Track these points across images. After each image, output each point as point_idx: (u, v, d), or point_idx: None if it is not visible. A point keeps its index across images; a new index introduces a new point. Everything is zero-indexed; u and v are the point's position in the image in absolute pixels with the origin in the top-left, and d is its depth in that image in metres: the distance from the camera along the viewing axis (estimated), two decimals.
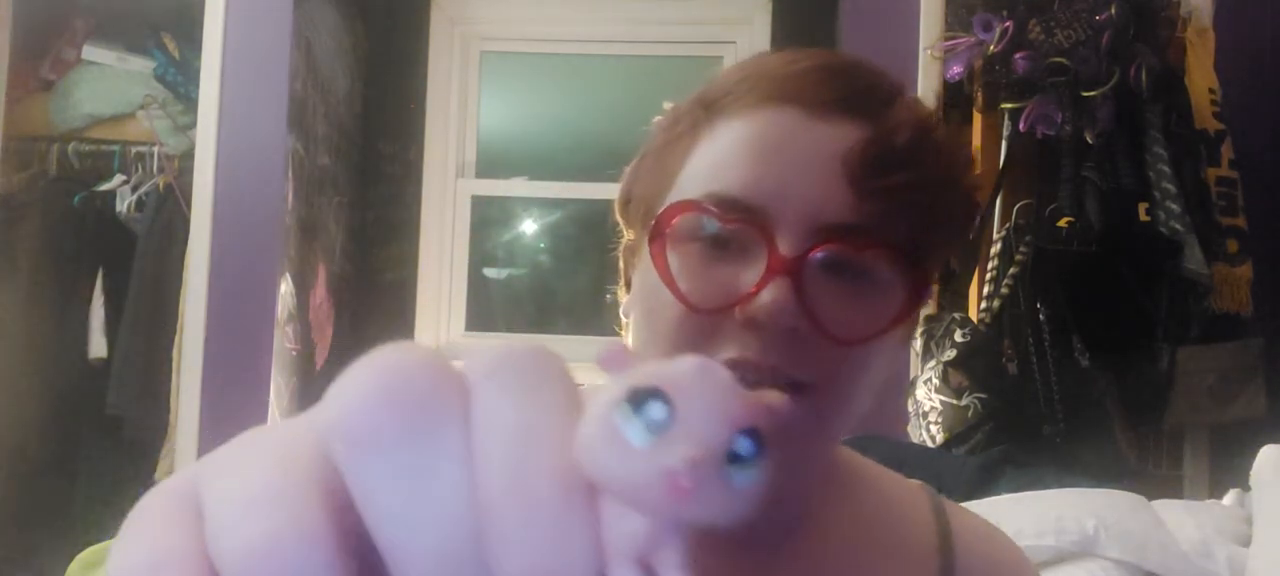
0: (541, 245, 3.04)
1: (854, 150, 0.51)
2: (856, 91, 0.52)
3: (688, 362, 0.21)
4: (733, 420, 0.21)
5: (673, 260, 0.52)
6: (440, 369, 0.20)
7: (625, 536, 0.20)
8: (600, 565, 0.20)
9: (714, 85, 0.56)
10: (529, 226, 3.03)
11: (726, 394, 0.21)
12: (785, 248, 0.50)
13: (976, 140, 2.05)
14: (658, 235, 0.52)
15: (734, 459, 0.20)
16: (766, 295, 0.49)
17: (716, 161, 0.53)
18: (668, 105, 0.59)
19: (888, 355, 0.54)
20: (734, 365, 0.49)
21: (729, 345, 0.50)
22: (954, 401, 1.83)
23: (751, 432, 0.21)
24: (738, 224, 0.51)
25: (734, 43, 2.68)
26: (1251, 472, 1.71)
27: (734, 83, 0.55)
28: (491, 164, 2.87)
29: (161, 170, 2.37)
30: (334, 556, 0.19)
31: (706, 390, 0.21)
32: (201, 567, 0.19)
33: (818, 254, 0.50)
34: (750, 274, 0.50)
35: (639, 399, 0.20)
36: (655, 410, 0.20)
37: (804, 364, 0.50)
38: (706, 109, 0.55)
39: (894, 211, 0.51)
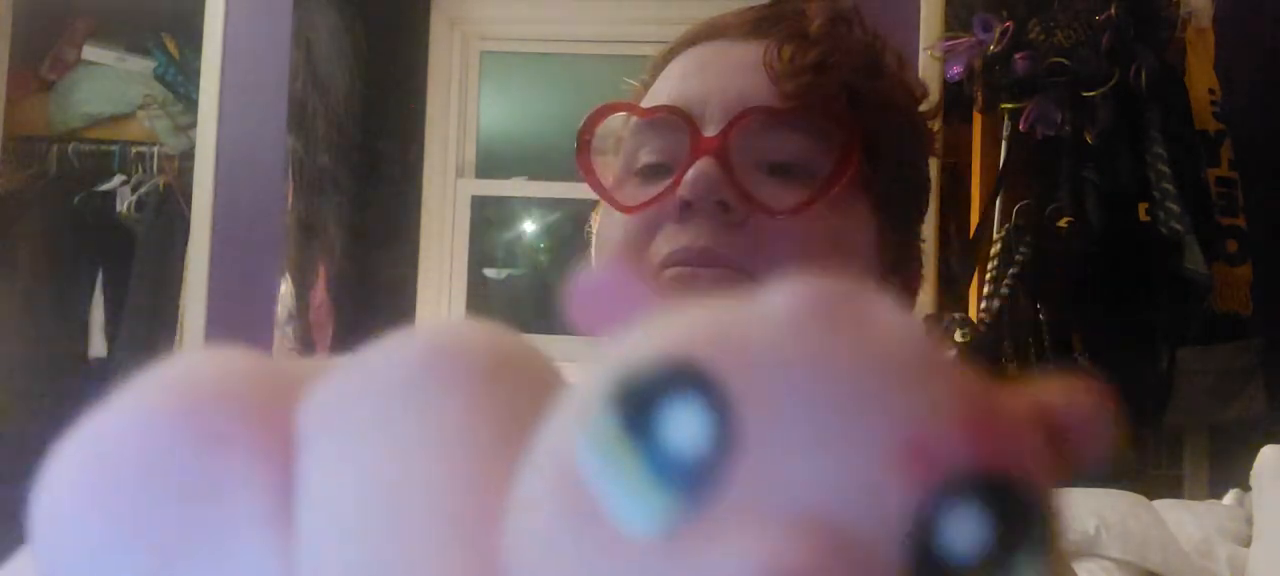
0: (541, 245, 3.04)
1: (770, 48, 0.53)
2: (781, 15, 0.55)
3: (775, 296, 0.09)
4: (940, 444, 0.08)
5: (615, 194, 0.54)
6: (221, 413, 0.12)
7: None
8: None
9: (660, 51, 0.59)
10: (529, 226, 3.03)
11: (906, 362, 0.09)
12: (710, 132, 0.51)
13: (976, 140, 2.05)
14: (582, 146, 0.55)
15: (942, 568, 0.08)
16: (691, 172, 0.50)
17: (650, 96, 0.56)
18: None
19: (842, 252, 0.52)
20: (669, 258, 0.49)
21: (664, 242, 0.51)
22: None
23: (995, 479, 0.08)
24: (661, 115, 0.53)
25: None
26: (1251, 472, 1.71)
27: (672, 42, 0.58)
28: (491, 164, 2.87)
29: (161, 170, 2.37)
30: None
31: (831, 358, 0.08)
32: None
33: (740, 127, 0.50)
34: None
35: (643, 396, 0.08)
36: (685, 421, 0.08)
37: (741, 246, 0.49)
38: (653, 70, 0.58)
39: (814, 90, 0.51)
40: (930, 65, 2.06)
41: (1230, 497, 1.80)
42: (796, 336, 0.08)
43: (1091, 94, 1.92)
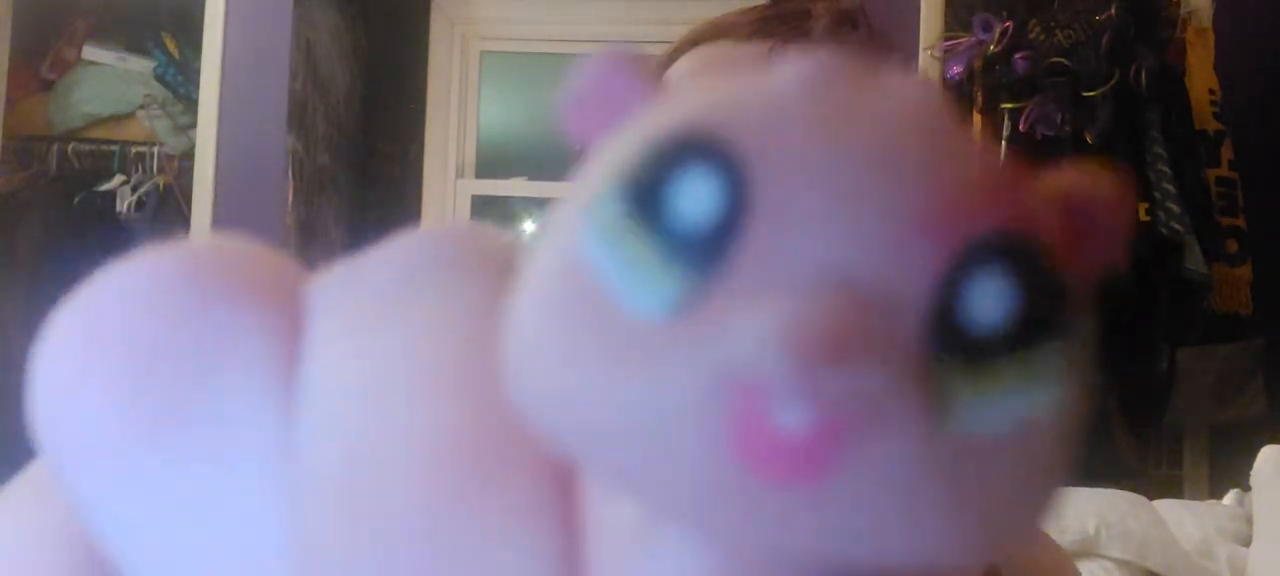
0: None
1: (774, 48, 0.51)
2: (785, 16, 0.55)
3: (789, 64, 0.08)
4: (963, 206, 0.07)
5: None
6: (223, 282, 0.11)
7: None
8: None
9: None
10: (529, 226, 3.03)
11: (929, 125, 0.08)
12: None
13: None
14: (578, 158, 0.54)
15: (961, 345, 0.07)
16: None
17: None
18: None
19: None
20: None
21: None
22: None
23: (1019, 245, 0.07)
24: None
25: None
26: (1251, 472, 1.71)
27: (676, 43, 0.57)
28: (491, 164, 2.87)
29: (161, 170, 2.37)
30: None
31: (851, 117, 0.08)
32: None
33: None
34: None
35: (652, 169, 0.07)
36: (693, 188, 0.07)
37: None
38: (656, 71, 0.57)
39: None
40: (930, 65, 2.06)
41: (1230, 497, 1.80)
42: (813, 97, 0.07)
43: (1091, 94, 1.92)
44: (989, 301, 0.07)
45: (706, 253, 0.07)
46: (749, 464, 0.06)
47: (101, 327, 0.09)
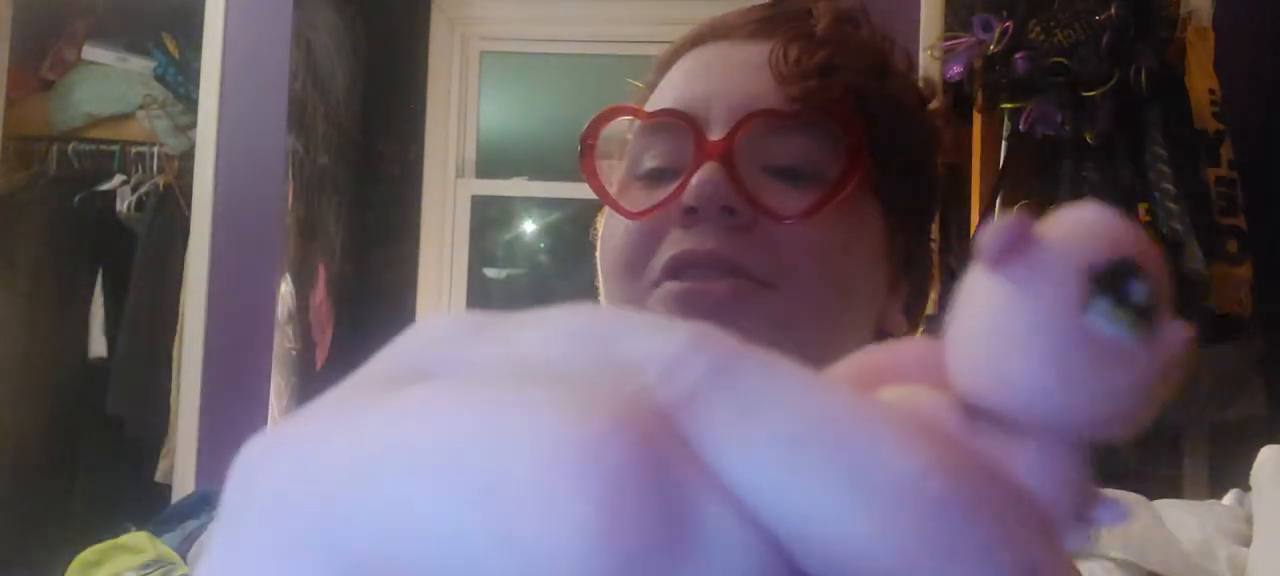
0: (541, 245, 3.04)
1: (776, 48, 0.51)
2: (786, 16, 0.54)
3: (1093, 213, 0.15)
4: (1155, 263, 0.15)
5: (619, 199, 0.53)
6: (650, 441, 0.12)
7: (1059, 481, 0.14)
8: (1058, 538, 0.14)
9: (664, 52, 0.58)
10: (529, 226, 3.03)
11: (1156, 249, 0.15)
12: (714, 136, 0.50)
13: (976, 140, 2.05)
14: (586, 150, 0.54)
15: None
16: (696, 178, 0.49)
17: (651, 104, 0.54)
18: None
19: (855, 256, 0.51)
20: (674, 260, 0.49)
21: (669, 244, 0.50)
22: None
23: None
24: (665, 118, 0.51)
25: None
26: (1252, 472, 1.71)
27: (675, 43, 0.57)
28: (491, 164, 2.87)
29: (161, 170, 2.37)
30: None
31: (1153, 249, 0.15)
32: None
33: (746, 130, 0.49)
34: None
35: (1118, 282, 0.14)
36: (1138, 290, 0.14)
37: (747, 251, 0.48)
38: (656, 71, 0.57)
39: (820, 92, 0.50)
40: (930, 65, 2.06)
41: (1230, 497, 1.80)
42: (1137, 233, 0.15)
43: (1091, 94, 1.92)
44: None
45: (1149, 310, 0.14)
46: (1173, 386, 0.14)
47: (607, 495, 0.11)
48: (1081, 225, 0.15)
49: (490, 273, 2.94)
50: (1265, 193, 2.07)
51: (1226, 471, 1.95)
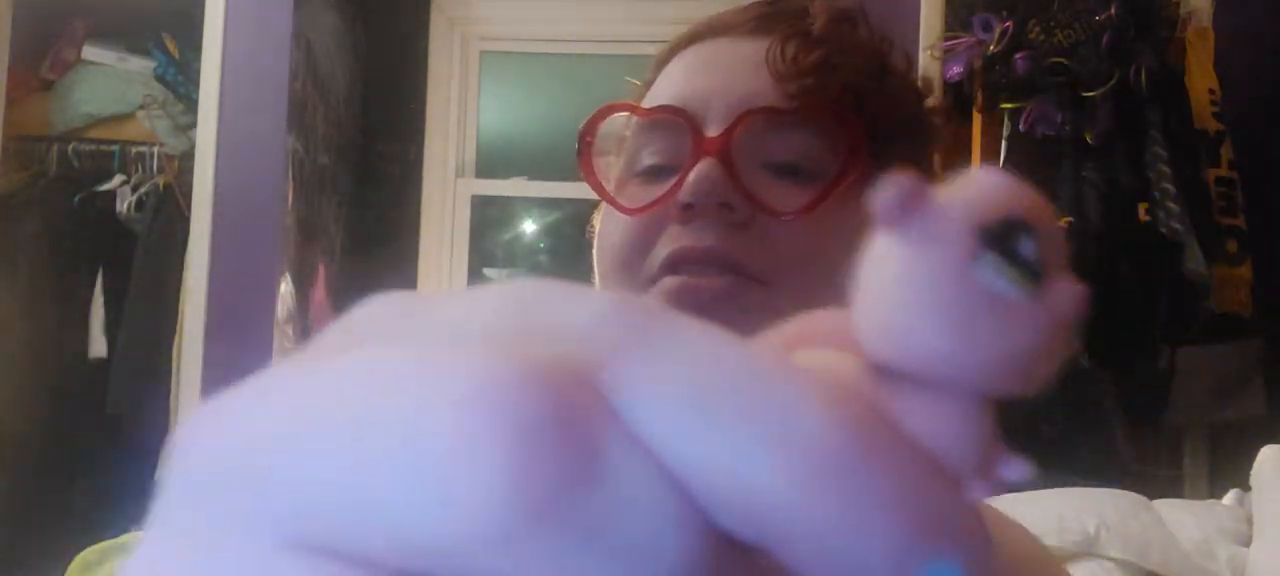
0: (541, 245, 3.04)
1: (774, 46, 0.52)
2: (784, 13, 0.54)
3: (987, 176, 0.15)
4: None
5: (617, 196, 0.53)
6: (555, 378, 0.13)
7: (961, 438, 0.14)
8: (974, 506, 0.14)
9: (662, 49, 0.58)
10: (529, 226, 3.03)
11: (1054, 213, 0.16)
12: (712, 133, 0.50)
13: (976, 140, 2.05)
14: (584, 147, 0.54)
15: None
16: (693, 174, 0.49)
17: (648, 101, 0.54)
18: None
19: (852, 253, 0.51)
20: (671, 257, 0.49)
21: (667, 241, 0.50)
22: None
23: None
24: (663, 116, 0.52)
25: None
26: (1251, 472, 1.71)
27: (673, 40, 0.57)
28: (491, 164, 2.87)
29: (161, 170, 2.37)
30: None
31: (1047, 212, 0.15)
32: None
33: (743, 127, 0.49)
34: None
35: (1008, 239, 0.14)
36: (1028, 247, 0.14)
37: (744, 248, 0.49)
38: (654, 68, 0.57)
39: (818, 90, 0.51)
40: (930, 65, 2.06)
41: (1230, 497, 1.80)
42: (1031, 196, 0.15)
43: (1091, 94, 1.92)
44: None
45: (1037, 267, 0.14)
46: (1064, 346, 0.14)
47: (516, 427, 0.12)
48: (975, 186, 0.15)
49: (490, 272, 2.94)
50: (1265, 193, 2.07)
51: (1226, 471, 1.95)
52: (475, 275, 2.85)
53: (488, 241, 2.93)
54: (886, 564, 0.12)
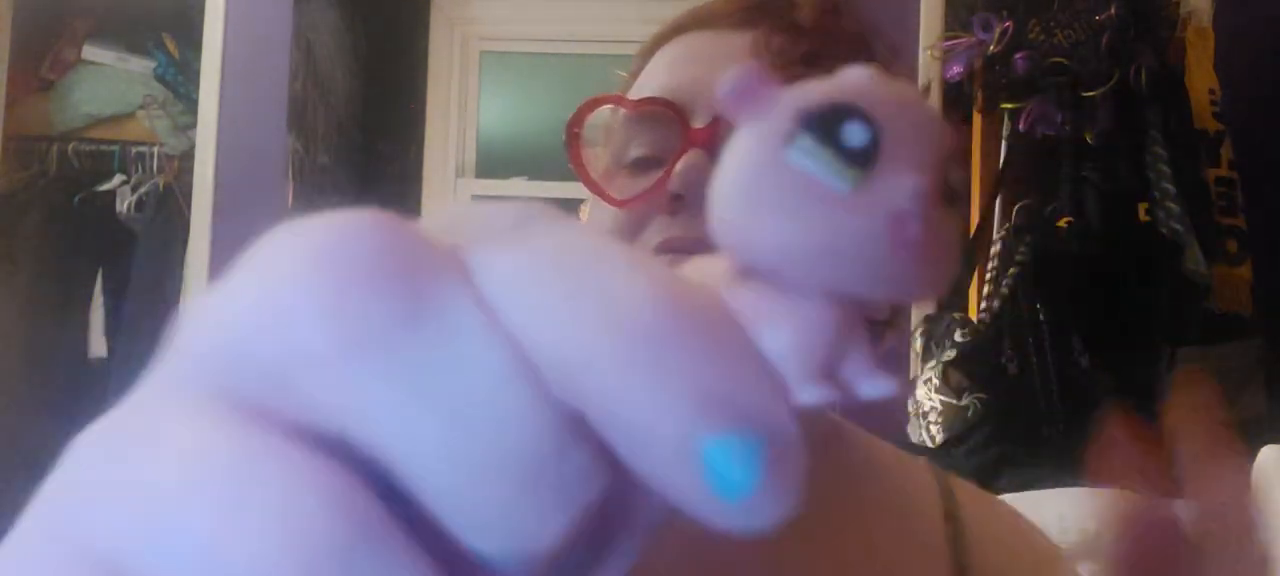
0: None
1: (760, 37, 0.52)
2: (771, 5, 0.54)
3: (857, 70, 0.15)
4: (945, 137, 0.14)
5: (605, 187, 0.53)
6: (400, 225, 0.14)
7: (803, 344, 0.14)
8: (787, 393, 0.13)
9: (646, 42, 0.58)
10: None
11: (925, 104, 0.15)
12: (698, 124, 0.50)
13: (976, 140, 2.05)
14: (572, 139, 0.54)
15: (946, 197, 0.14)
16: (680, 165, 0.49)
17: (634, 92, 0.55)
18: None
19: None
20: (660, 247, 0.49)
21: (655, 232, 0.50)
22: (954, 401, 1.83)
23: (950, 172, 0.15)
24: (651, 107, 0.52)
25: None
26: (1251, 473, 1.71)
27: (659, 30, 0.58)
28: (491, 164, 2.87)
29: (161, 170, 2.37)
30: (397, 535, 0.13)
31: (908, 100, 0.14)
32: None
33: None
34: None
35: (828, 123, 0.14)
36: (855, 133, 0.14)
37: None
38: (640, 59, 0.58)
39: (805, 81, 0.50)
40: (930, 65, 2.06)
41: None
42: (893, 89, 0.14)
43: (1091, 94, 1.92)
44: (952, 179, 0.15)
45: (864, 159, 0.13)
46: (899, 248, 0.13)
47: (333, 248, 0.14)
48: (829, 79, 0.15)
49: None
50: (1265, 193, 2.07)
51: None
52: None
53: None
54: (672, 438, 0.13)
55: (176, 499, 0.13)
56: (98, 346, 2.34)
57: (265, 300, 0.14)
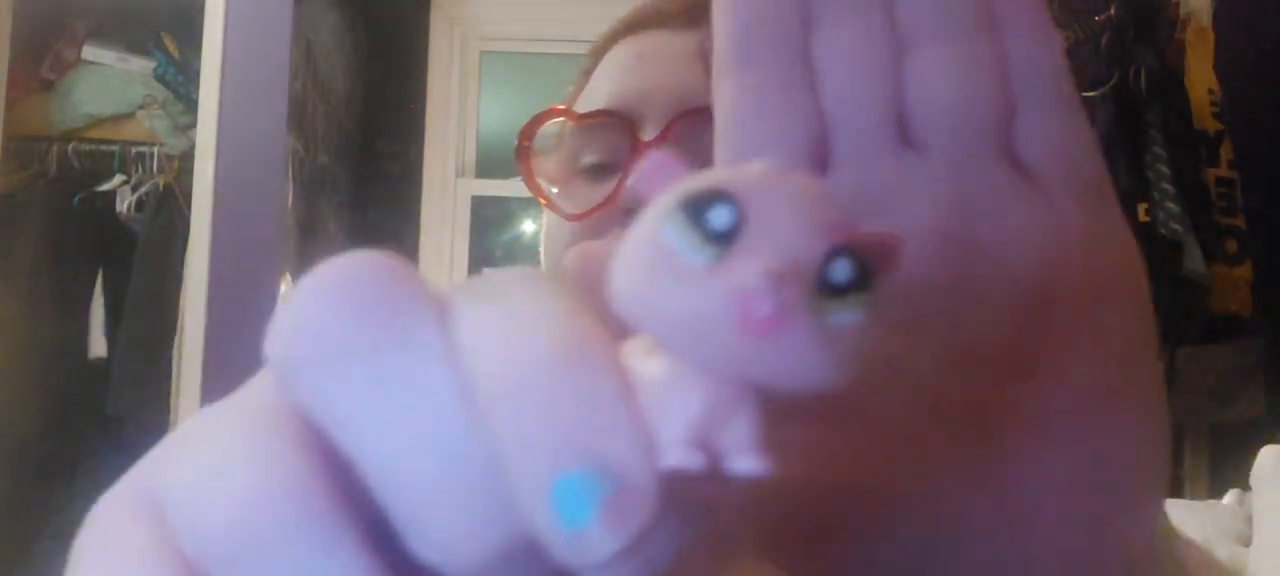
0: (541, 245, 3.04)
1: (709, 39, 0.51)
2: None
3: (758, 163, 0.16)
4: (828, 229, 0.15)
5: (559, 201, 0.53)
6: (400, 268, 0.16)
7: (678, 409, 0.14)
8: (645, 446, 0.14)
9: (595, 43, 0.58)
10: (529, 226, 3.03)
11: (816, 198, 0.15)
12: (649, 136, 0.50)
13: None
14: (522, 151, 0.53)
15: (829, 287, 0.14)
16: (631, 180, 0.48)
17: (586, 96, 0.54)
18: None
19: None
20: None
21: (611, 243, 0.49)
22: None
23: (853, 254, 0.15)
24: (599, 119, 0.51)
25: None
26: (1251, 472, 1.71)
27: (609, 29, 0.57)
28: (491, 164, 2.87)
29: (161, 170, 2.37)
30: (328, 506, 0.15)
31: (789, 192, 0.15)
32: (177, 566, 0.16)
33: (679, 129, 0.49)
34: None
35: (697, 204, 0.15)
36: (719, 215, 0.15)
37: None
38: (592, 58, 0.57)
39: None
40: None
41: (1230, 497, 1.80)
42: (772, 177, 0.15)
43: (1091, 94, 1.92)
44: (845, 270, 0.15)
45: (724, 237, 0.15)
46: (743, 327, 0.14)
47: (342, 279, 0.16)
48: (730, 167, 0.16)
49: (490, 273, 2.95)
50: (1265, 193, 2.07)
51: (1226, 471, 1.95)
52: (475, 275, 2.85)
53: (488, 241, 2.93)
54: (530, 471, 0.15)
55: (191, 460, 0.16)
56: (98, 346, 2.34)
57: (286, 311, 0.16)
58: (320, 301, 0.16)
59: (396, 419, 0.15)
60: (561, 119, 0.55)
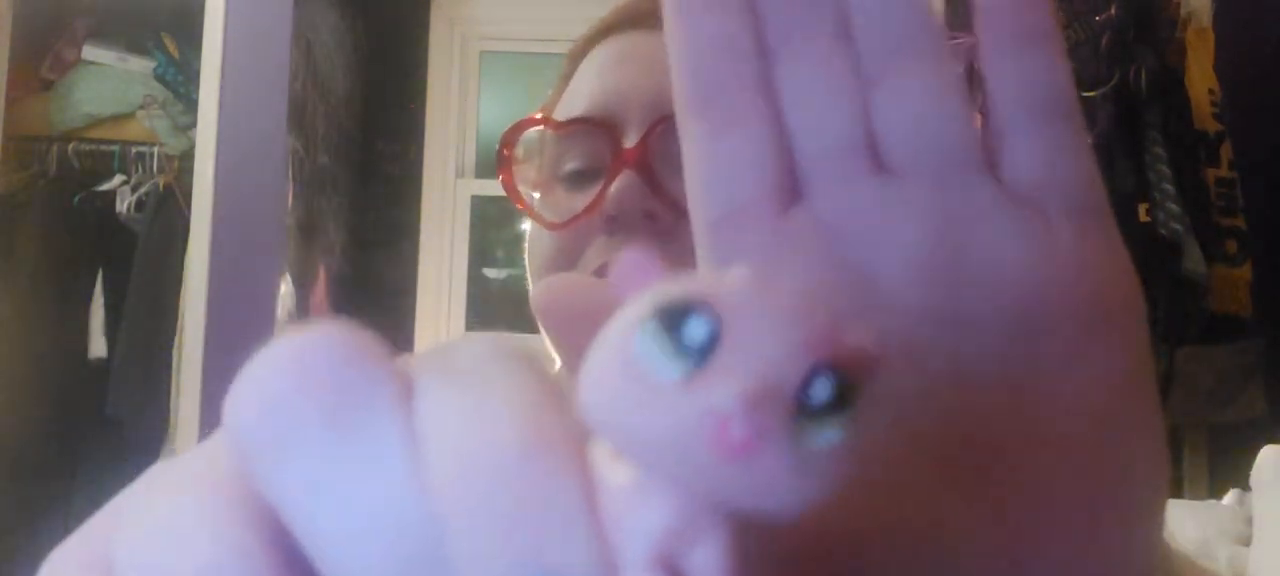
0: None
1: None
2: None
3: (740, 270, 0.15)
4: (809, 348, 0.14)
5: (541, 208, 0.53)
6: (363, 347, 0.16)
7: (642, 526, 0.14)
8: (605, 563, 0.14)
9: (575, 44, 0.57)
10: (528, 226, 3.03)
11: (799, 311, 0.14)
12: (630, 143, 0.49)
13: None
14: (502, 161, 0.53)
15: (808, 409, 0.14)
16: (614, 187, 0.48)
17: (566, 100, 0.54)
18: None
19: None
20: (600, 271, 0.48)
21: (594, 255, 0.49)
22: None
23: (836, 372, 0.14)
24: (579, 127, 0.51)
25: None
26: (1251, 472, 1.71)
27: (588, 30, 0.57)
28: (491, 164, 2.86)
29: (161, 170, 2.37)
30: None
31: (769, 305, 0.14)
32: None
33: (660, 133, 0.48)
34: None
35: (672, 315, 0.14)
36: (695, 328, 0.14)
37: (673, 255, 0.47)
38: (571, 61, 0.57)
39: None
40: None
41: (1230, 497, 1.80)
42: (753, 288, 0.14)
43: (1091, 95, 1.92)
44: (825, 389, 0.14)
45: (699, 352, 0.14)
46: (716, 450, 0.13)
47: (303, 357, 0.16)
48: (709, 276, 0.15)
49: (490, 273, 2.94)
50: (1265, 193, 2.07)
51: (1226, 471, 1.95)
52: (475, 275, 2.85)
53: (488, 241, 2.93)
54: (479, 563, 0.14)
55: (144, 525, 0.16)
56: (98, 346, 2.34)
57: (246, 380, 0.16)
58: (280, 377, 0.15)
59: (347, 507, 0.15)
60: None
